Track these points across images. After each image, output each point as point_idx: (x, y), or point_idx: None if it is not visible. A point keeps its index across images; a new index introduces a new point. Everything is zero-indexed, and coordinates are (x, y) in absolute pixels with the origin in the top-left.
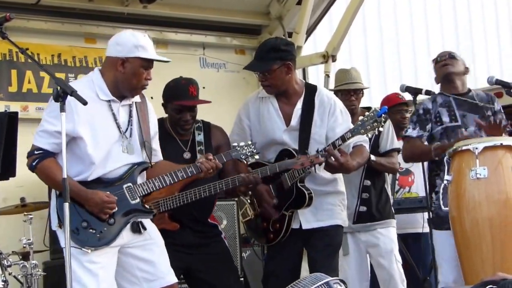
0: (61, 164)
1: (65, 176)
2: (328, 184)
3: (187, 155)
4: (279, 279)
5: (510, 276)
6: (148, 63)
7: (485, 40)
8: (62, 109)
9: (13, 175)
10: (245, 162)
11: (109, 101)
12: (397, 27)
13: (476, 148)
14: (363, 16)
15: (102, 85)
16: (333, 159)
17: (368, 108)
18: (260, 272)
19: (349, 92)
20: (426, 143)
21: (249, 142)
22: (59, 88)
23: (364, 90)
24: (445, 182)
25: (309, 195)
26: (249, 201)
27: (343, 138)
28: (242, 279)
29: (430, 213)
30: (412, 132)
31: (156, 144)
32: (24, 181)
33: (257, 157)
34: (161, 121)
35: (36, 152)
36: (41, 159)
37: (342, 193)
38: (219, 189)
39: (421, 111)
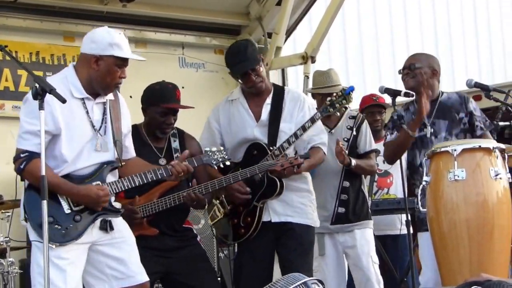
0: (48, 163)
1: (44, 174)
2: (299, 179)
3: (162, 162)
4: (251, 275)
5: (494, 277)
6: (122, 62)
7: (464, 41)
8: (41, 107)
9: None
10: (215, 167)
11: (82, 98)
12: (377, 28)
13: (455, 150)
14: (342, 17)
15: (76, 83)
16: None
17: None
18: None
19: (330, 96)
20: None
21: (221, 148)
22: (38, 86)
23: None
24: (423, 183)
25: (281, 183)
26: (218, 200)
27: (312, 120)
28: (219, 278)
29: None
30: (390, 137)
31: (128, 142)
32: (2, 178)
33: (227, 163)
34: (135, 128)
35: (22, 156)
36: (28, 161)
37: (312, 192)
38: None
39: (395, 117)
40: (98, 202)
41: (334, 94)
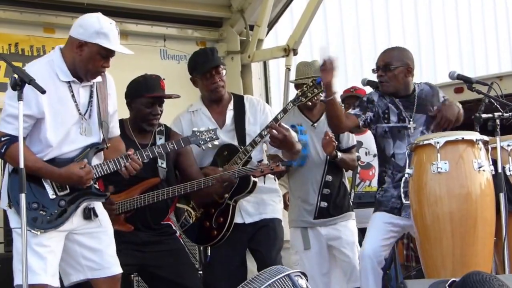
0: (29, 147)
1: (22, 166)
2: (267, 181)
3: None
4: (224, 277)
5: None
6: (106, 52)
7: (445, 33)
8: (20, 98)
9: None
10: (203, 148)
11: (69, 82)
12: (358, 20)
13: (438, 143)
14: (324, 9)
15: (62, 66)
16: (276, 132)
17: None
18: None
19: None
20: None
21: (209, 128)
22: (17, 76)
23: None
24: (406, 175)
25: (253, 181)
26: (190, 205)
27: (285, 110)
28: (201, 272)
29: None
30: (354, 111)
31: (114, 122)
32: None
33: (216, 142)
34: (121, 123)
35: (2, 139)
36: (8, 145)
37: (279, 192)
38: (177, 193)
39: (364, 99)
40: (82, 182)
41: (305, 84)
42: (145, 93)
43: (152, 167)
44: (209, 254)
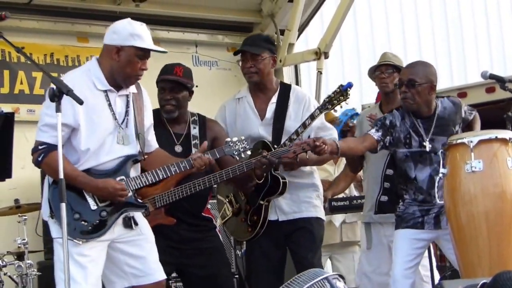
0: (66, 156)
1: (62, 177)
2: (305, 176)
3: (178, 149)
4: (262, 271)
5: None
6: (143, 53)
7: (475, 35)
8: (58, 109)
9: (9, 176)
10: (237, 158)
11: (105, 91)
12: (388, 23)
13: (471, 142)
14: (354, 12)
15: (99, 75)
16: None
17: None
18: None
19: (380, 70)
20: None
21: (242, 138)
22: (55, 87)
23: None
24: (440, 175)
25: (283, 182)
26: (227, 199)
27: (312, 117)
28: (237, 276)
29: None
30: (374, 133)
31: (151, 135)
32: (18, 182)
33: (249, 152)
34: (157, 112)
35: (40, 147)
36: (46, 153)
37: (318, 187)
38: (213, 182)
39: (387, 122)
40: (115, 196)
41: (333, 91)
42: (157, 79)
43: (185, 156)
44: (243, 248)
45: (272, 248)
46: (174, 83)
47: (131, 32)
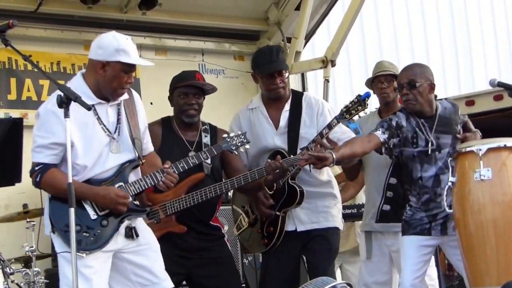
0: (64, 171)
1: (71, 181)
2: (323, 185)
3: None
4: (277, 281)
5: None
6: (129, 67)
7: (483, 42)
8: (66, 115)
9: (19, 180)
10: (235, 153)
11: (93, 105)
12: (395, 31)
13: (480, 150)
14: (360, 20)
15: (86, 90)
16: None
17: None
18: None
19: (379, 80)
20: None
21: (239, 132)
22: (62, 94)
23: None
24: (449, 183)
25: (300, 191)
26: (243, 210)
27: (329, 126)
28: (243, 285)
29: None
30: (381, 135)
31: (146, 138)
32: (26, 187)
33: (247, 146)
34: (168, 120)
35: (36, 168)
36: (42, 173)
37: (336, 196)
38: (225, 189)
39: (394, 123)
40: (116, 203)
41: (350, 100)
42: (179, 84)
43: None
44: (260, 261)
45: (289, 259)
46: (198, 88)
47: (116, 48)
